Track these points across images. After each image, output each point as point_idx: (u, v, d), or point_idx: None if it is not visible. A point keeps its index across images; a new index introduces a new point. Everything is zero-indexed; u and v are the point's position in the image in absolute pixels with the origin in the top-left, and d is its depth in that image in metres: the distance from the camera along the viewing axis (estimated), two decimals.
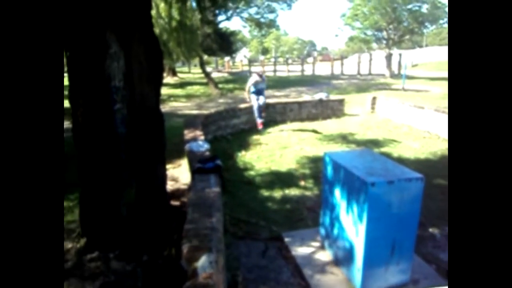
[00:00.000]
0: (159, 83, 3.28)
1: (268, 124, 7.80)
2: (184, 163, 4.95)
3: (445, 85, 16.06)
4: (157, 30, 10.45)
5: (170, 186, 4.29)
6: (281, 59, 33.13)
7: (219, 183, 3.21)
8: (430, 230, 3.43)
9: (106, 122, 2.76)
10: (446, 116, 6.92)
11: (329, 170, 2.80)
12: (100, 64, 2.65)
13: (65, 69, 2.76)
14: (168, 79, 20.49)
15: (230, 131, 7.28)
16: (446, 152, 5.97)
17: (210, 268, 1.95)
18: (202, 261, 2.00)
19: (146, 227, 3.03)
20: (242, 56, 40.79)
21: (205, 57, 23.13)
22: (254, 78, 7.34)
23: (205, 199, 2.77)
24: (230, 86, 16.71)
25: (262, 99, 7.21)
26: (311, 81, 19.01)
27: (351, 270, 2.55)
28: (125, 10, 2.70)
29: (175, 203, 3.86)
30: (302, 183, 4.58)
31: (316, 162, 5.15)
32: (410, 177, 2.33)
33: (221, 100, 12.44)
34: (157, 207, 3.21)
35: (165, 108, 10.46)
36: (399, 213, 2.35)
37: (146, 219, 3.07)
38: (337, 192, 2.67)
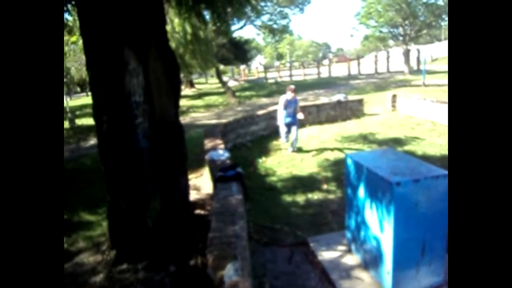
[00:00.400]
0: (178, 96, 3.35)
1: None
2: (206, 172, 5.00)
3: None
4: (173, 44, 10.71)
5: (193, 195, 4.35)
6: (296, 64, 33.09)
7: (241, 190, 3.21)
8: None
9: (128, 137, 2.85)
10: None
11: (352, 172, 2.75)
12: (120, 80, 2.75)
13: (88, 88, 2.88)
14: (186, 91, 20.91)
15: (250, 138, 7.30)
16: None
17: (236, 276, 1.95)
18: (228, 269, 2.00)
19: (171, 238, 3.08)
20: (257, 64, 41.08)
21: (221, 67, 23.48)
22: (284, 97, 6.06)
23: (228, 207, 2.78)
24: (247, 93, 16.83)
25: (294, 132, 6.06)
26: (328, 83, 18.85)
27: (380, 273, 2.47)
28: (141, 27, 2.79)
29: (199, 212, 3.90)
30: (325, 186, 4.52)
31: (338, 165, 5.07)
32: (437, 174, 2.25)
33: (239, 108, 12.54)
34: (181, 217, 3.25)
35: (185, 119, 10.67)
36: (427, 212, 2.27)
37: (172, 230, 3.11)
38: (361, 193, 2.62)
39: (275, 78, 22.95)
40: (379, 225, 2.40)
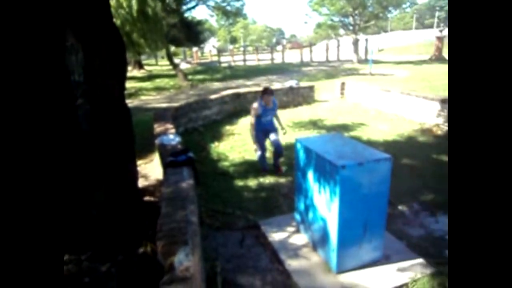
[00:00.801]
0: (123, 76, 3.15)
1: (240, 113, 7.76)
2: (155, 157, 4.83)
3: (408, 68, 16.63)
4: (118, 21, 10.00)
5: (142, 182, 4.19)
6: (250, 48, 32.90)
7: (193, 175, 3.16)
8: (400, 208, 3.58)
9: (68, 119, 2.63)
10: (411, 98, 7.20)
11: (301, 155, 2.84)
12: (57, 57, 2.50)
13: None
14: (134, 72, 19.81)
15: (202, 123, 7.17)
16: (412, 133, 6.22)
17: (187, 261, 1.93)
18: (178, 255, 1.97)
19: (119, 226, 2.95)
20: (210, 46, 40.07)
21: (172, 48, 22.55)
22: (257, 105, 4.43)
23: (178, 193, 2.72)
24: (200, 77, 16.42)
25: (273, 137, 4.50)
26: (281, 69, 19.07)
27: (327, 252, 2.62)
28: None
29: (148, 199, 3.78)
30: (281, 170, 4.61)
31: (289, 149, 5.20)
32: (379, 158, 2.40)
33: (191, 92, 12.21)
34: (129, 205, 3.12)
35: (133, 102, 10.14)
36: (369, 193, 2.43)
37: (118, 218, 2.98)
38: (310, 176, 2.72)
39: (229, 62, 22.66)
40: (326, 206, 2.52)
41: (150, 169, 4.73)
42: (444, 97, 6.52)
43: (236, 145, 5.78)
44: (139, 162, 4.78)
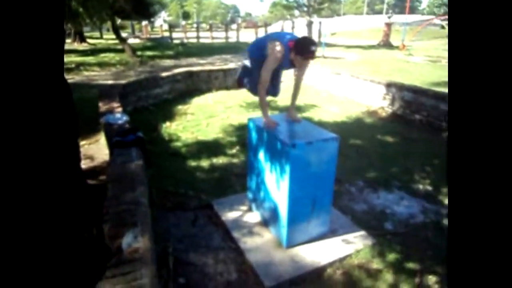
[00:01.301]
0: (61, 49, 2.87)
1: (193, 92, 7.56)
2: (101, 137, 4.56)
3: (358, 52, 17.29)
4: None
5: (88, 163, 3.95)
6: (204, 25, 31.82)
7: (142, 156, 3.03)
8: (346, 185, 3.80)
9: None
10: (359, 81, 7.53)
11: (253, 135, 2.85)
12: None
13: None
14: (74, 45, 18.21)
15: (153, 102, 6.88)
16: (360, 115, 6.55)
17: (136, 243, 1.88)
18: (126, 237, 1.91)
19: (60, 212, 2.76)
20: (161, 21, 38.02)
21: (119, 21, 21.02)
22: (286, 49, 2.62)
23: (126, 174, 2.60)
24: (150, 53, 15.59)
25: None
26: (236, 48, 18.77)
27: (278, 228, 2.71)
28: None
29: (93, 181, 3.58)
30: (234, 150, 4.61)
31: (243, 130, 5.21)
32: (327, 137, 2.50)
33: (140, 69, 11.58)
34: (71, 189, 2.93)
35: (74, 78, 9.36)
36: (318, 171, 2.53)
37: (59, 203, 2.78)
38: (261, 156, 2.75)
39: (182, 39, 21.74)
40: (277, 184, 2.58)
41: (96, 150, 4.46)
42: (389, 81, 6.91)
43: (188, 125, 5.65)
44: (83, 143, 4.48)
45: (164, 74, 7.57)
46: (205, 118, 5.98)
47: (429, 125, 5.82)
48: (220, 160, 4.33)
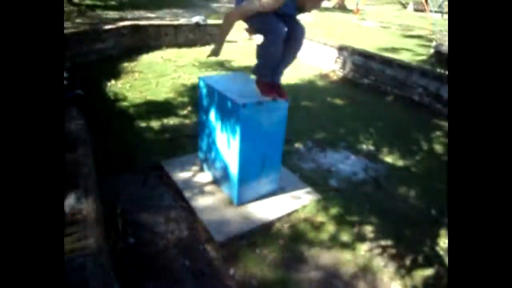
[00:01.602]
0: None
1: (141, 49, 7.06)
2: None
3: (314, 14, 17.17)
4: None
5: None
6: None
7: (83, 115, 2.84)
8: (296, 145, 3.93)
9: None
10: (313, 44, 7.56)
11: (204, 94, 2.78)
12: None
13: None
14: None
15: (95, 58, 6.32)
16: (312, 78, 6.66)
17: (79, 204, 1.81)
18: (69, 199, 1.83)
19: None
20: None
21: None
22: None
23: (66, 134, 2.43)
24: (90, 2, 14.07)
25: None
26: (188, 3, 17.62)
27: (229, 187, 2.76)
28: None
29: None
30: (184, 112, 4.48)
31: (195, 90, 5.05)
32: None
33: (79, 20, 10.46)
34: None
35: None
36: (268, 131, 2.57)
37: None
38: (212, 115, 2.71)
39: None
40: (227, 144, 2.59)
41: None
42: (341, 45, 7.03)
43: (136, 84, 5.33)
44: None
45: (107, 27, 6.93)
46: (155, 77, 5.68)
47: (375, 89, 6.11)
48: (171, 121, 4.21)
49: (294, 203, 2.85)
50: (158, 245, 2.38)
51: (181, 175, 3.06)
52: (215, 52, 2.55)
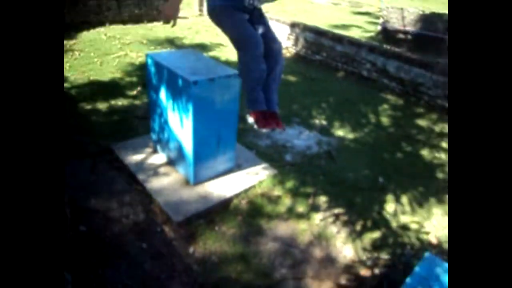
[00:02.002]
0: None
1: (81, 26, 6.51)
2: None
3: None
4: None
5: None
6: None
7: None
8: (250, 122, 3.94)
9: None
10: (273, 21, 7.48)
11: (153, 72, 2.65)
12: None
13: None
14: None
15: None
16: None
17: None
18: None
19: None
20: None
21: None
22: None
23: None
24: None
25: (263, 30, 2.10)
26: None
27: (184, 167, 2.71)
28: None
29: None
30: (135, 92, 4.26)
31: (144, 69, 4.81)
32: (229, 74, 2.47)
33: None
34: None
35: None
36: (221, 109, 2.54)
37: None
38: (163, 94, 2.61)
39: None
40: (181, 123, 2.52)
41: None
42: (293, 22, 7.04)
43: (77, 63, 4.94)
44: None
45: None
46: (98, 56, 5.29)
47: (327, 65, 6.26)
48: (119, 102, 3.98)
49: (251, 179, 2.89)
50: (112, 231, 2.30)
51: (134, 158, 2.94)
52: (170, 16, 1.98)
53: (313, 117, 4.30)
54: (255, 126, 2.09)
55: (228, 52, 6.46)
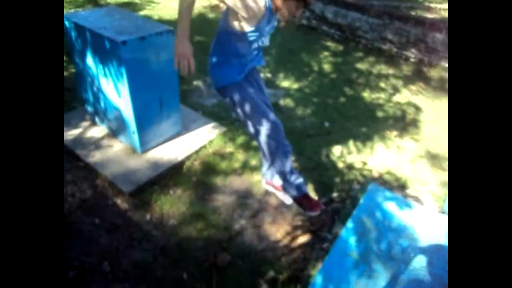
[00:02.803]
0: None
1: None
2: None
3: None
4: None
5: None
6: None
7: None
8: (195, 83, 3.80)
9: None
10: None
11: (74, 36, 2.39)
12: None
13: None
14: None
15: None
16: (203, 10, 6.27)
17: None
18: None
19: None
20: None
21: None
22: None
23: None
24: None
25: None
26: None
27: (128, 136, 2.58)
28: None
29: None
30: None
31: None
32: (161, 30, 2.30)
33: None
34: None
35: None
36: (159, 70, 2.39)
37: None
38: (90, 61, 2.38)
39: None
40: (116, 91, 2.35)
41: None
42: None
43: None
44: None
45: None
46: None
47: None
48: None
49: (201, 140, 2.85)
50: None
51: (70, 133, 2.73)
52: (180, 53, 1.66)
53: (257, 70, 4.26)
54: (303, 211, 2.01)
55: (161, 9, 6.01)
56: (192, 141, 2.82)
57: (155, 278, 1.89)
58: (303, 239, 2.19)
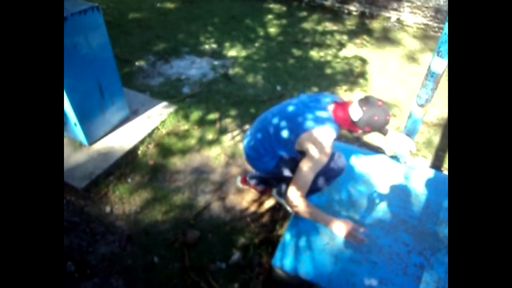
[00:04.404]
0: None
1: None
2: None
3: None
4: None
5: None
6: None
7: None
8: (137, 63, 3.59)
9: None
10: None
11: None
12: None
13: None
14: None
15: None
16: None
17: None
18: None
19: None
20: None
21: None
22: (335, 130, 1.70)
23: None
24: None
25: None
26: None
27: (71, 130, 2.41)
28: None
29: None
30: None
31: None
32: (85, 8, 2.09)
33: None
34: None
35: None
36: (91, 53, 2.20)
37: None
38: None
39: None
40: None
41: None
42: None
43: None
44: None
45: None
46: None
47: None
48: None
49: (152, 122, 2.73)
50: None
51: None
52: (348, 233, 1.57)
53: (202, 43, 4.10)
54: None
55: None
56: (143, 124, 2.69)
57: (126, 268, 1.84)
58: (269, 203, 2.23)
